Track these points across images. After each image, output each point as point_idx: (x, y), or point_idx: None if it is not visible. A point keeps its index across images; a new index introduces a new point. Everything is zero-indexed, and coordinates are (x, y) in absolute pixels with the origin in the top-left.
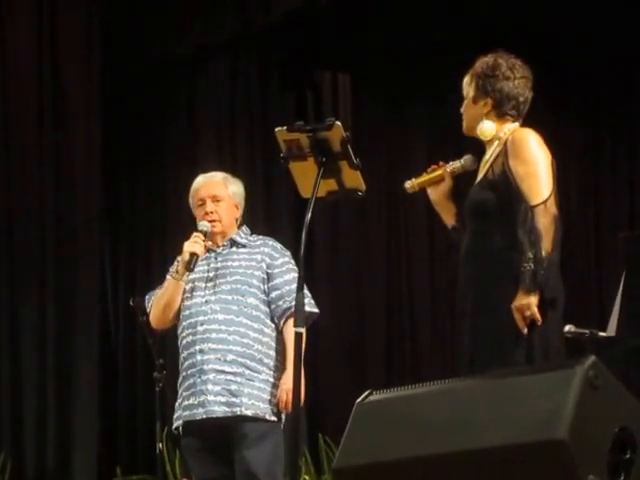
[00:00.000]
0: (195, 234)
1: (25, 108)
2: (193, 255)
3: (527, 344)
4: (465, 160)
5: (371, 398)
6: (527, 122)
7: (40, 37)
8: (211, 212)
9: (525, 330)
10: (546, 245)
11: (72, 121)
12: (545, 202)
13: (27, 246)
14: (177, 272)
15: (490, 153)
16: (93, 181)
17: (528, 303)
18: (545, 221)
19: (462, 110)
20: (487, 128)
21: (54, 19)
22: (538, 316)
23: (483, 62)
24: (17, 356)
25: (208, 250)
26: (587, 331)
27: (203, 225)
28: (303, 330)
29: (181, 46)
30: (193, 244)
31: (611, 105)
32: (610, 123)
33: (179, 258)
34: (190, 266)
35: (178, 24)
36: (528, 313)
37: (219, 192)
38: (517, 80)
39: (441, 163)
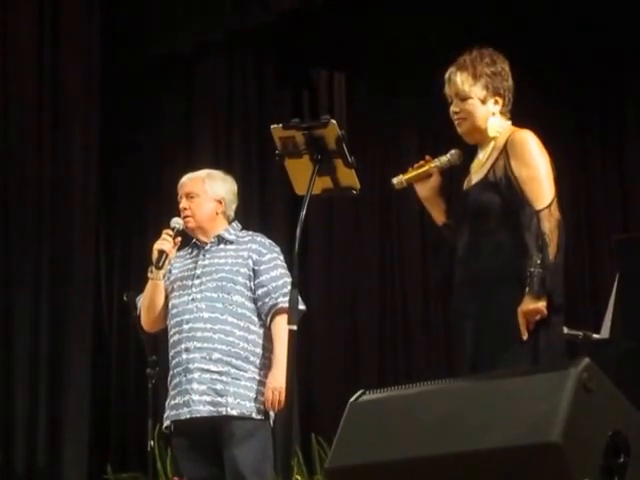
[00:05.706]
0: (165, 231)
1: (24, 100)
2: (161, 253)
3: (533, 348)
4: (452, 155)
5: (364, 398)
6: (518, 121)
7: (41, 28)
8: (184, 209)
9: (526, 334)
10: (552, 249)
11: (71, 116)
12: (549, 206)
13: (23, 236)
14: (151, 272)
15: (487, 153)
16: (90, 174)
17: (536, 308)
18: (550, 225)
19: (460, 110)
20: (496, 125)
21: (56, 12)
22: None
23: (481, 60)
24: (9, 350)
25: (197, 247)
26: (580, 333)
27: (175, 222)
28: (295, 327)
29: (179, 44)
30: (161, 242)
31: (602, 105)
32: (601, 123)
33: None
34: (159, 264)
35: (176, 22)
36: (537, 318)
37: (193, 189)
38: (509, 76)
39: (427, 158)
